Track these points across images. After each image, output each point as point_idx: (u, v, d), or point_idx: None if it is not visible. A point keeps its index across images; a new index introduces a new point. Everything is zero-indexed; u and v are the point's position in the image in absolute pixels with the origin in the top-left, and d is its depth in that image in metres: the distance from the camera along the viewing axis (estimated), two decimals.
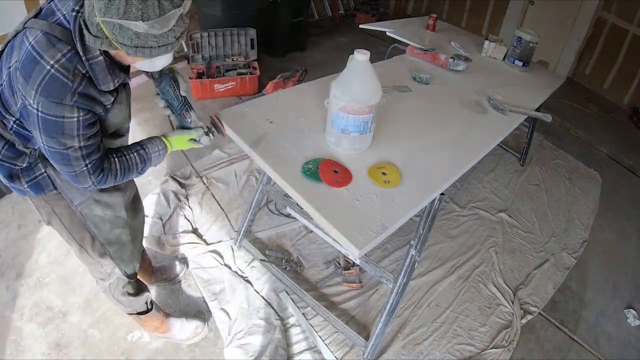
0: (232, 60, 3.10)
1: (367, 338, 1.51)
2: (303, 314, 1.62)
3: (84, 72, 0.83)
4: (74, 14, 0.83)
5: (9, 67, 0.85)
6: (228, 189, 2.16)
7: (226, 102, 2.87)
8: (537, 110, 1.90)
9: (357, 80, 1.13)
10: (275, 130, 1.28)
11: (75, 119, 0.84)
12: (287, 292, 1.69)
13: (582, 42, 3.87)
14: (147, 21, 0.76)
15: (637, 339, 1.84)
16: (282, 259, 1.81)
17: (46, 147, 0.86)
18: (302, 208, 1.08)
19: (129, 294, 1.28)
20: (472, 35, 2.66)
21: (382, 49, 2.74)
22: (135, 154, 1.03)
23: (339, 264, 1.81)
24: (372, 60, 1.18)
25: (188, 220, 1.96)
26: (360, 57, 1.12)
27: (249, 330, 1.52)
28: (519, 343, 1.68)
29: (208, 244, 1.85)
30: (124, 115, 1.03)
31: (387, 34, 2.35)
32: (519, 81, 2.07)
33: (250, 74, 3.00)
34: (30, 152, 0.98)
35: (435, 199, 1.26)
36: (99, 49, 0.84)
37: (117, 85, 0.91)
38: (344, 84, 1.13)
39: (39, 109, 0.81)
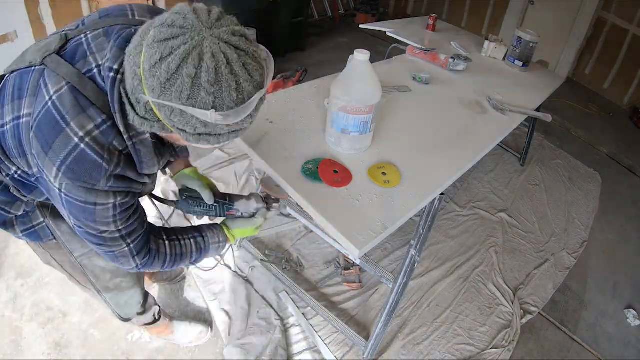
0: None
1: (367, 338, 1.51)
2: (303, 314, 1.62)
3: (121, 149, 0.66)
4: (112, 74, 0.64)
5: (19, 117, 0.68)
6: (228, 189, 2.16)
7: None
8: (537, 110, 1.90)
9: (357, 80, 1.13)
10: (275, 130, 1.28)
11: (111, 205, 0.68)
12: (287, 292, 1.69)
13: (582, 42, 3.87)
14: (220, 111, 0.57)
15: (637, 339, 1.84)
16: (282, 259, 1.81)
17: (74, 225, 0.72)
18: (302, 208, 1.08)
19: (137, 314, 1.23)
20: (472, 35, 2.66)
21: (382, 49, 2.74)
22: (191, 240, 0.89)
23: (339, 264, 1.81)
24: (372, 60, 1.18)
25: (188, 220, 1.96)
26: (360, 57, 1.12)
27: (249, 330, 1.52)
28: (519, 343, 1.68)
29: None
30: (154, 185, 0.87)
31: (387, 34, 2.35)
32: (519, 81, 2.07)
33: None
34: (28, 201, 0.83)
35: (435, 199, 1.26)
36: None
37: (162, 167, 0.76)
38: (344, 84, 1.13)
39: (63, 191, 0.65)
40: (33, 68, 0.69)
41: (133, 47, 0.61)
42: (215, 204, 0.99)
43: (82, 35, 0.71)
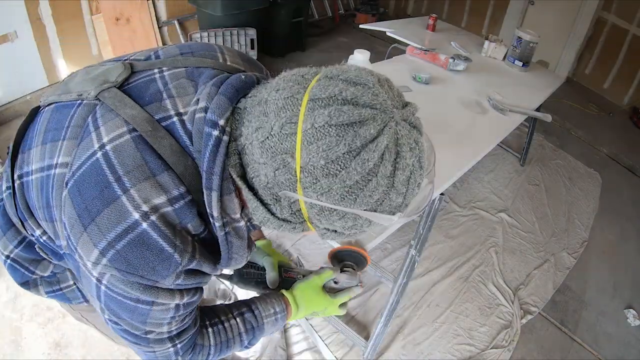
0: None
1: (367, 338, 1.51)
2: None
3: (194, 234, 0.48)
4: (215, 133, 0.45)
5: (50, 167, 0.49)
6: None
7: None
8: (537, 110, 1.90)
9: None
10: None
11: (173, 306, 0.50)
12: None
13: (582, 42, 3.87)
14: (404, 212, 0.46)
15: (637, 339, 1.84)
16: None
17: (107, 320, 0.52)
18: None
19: None
20: (472, 35, 2.66)
21: (382, 49, 2.74)
22: (237, 319, 0.67)
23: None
24: (372, 60, 1.18)
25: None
26: (360, 57, 1.12)
27: None
28: (519, 343, 1.68)
29: None
30: None
31: (387, 34, 2.34)
32: (519, 81, 2.07)
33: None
34: (58, 263, 0.64)
35: (435, 199, 1.26)
36: (240, 212, 0.50)
37: (247, 259, 0.57)
38: None
39: (104, 283, 0.46)
40: (80, 101, 0.51)
41: (276, 125, 0.42)
42: (281, 276, 0.81)
43: (156, 70, 0.53)
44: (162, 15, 3.06)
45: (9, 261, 0.65)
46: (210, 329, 0.64)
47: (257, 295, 0.75)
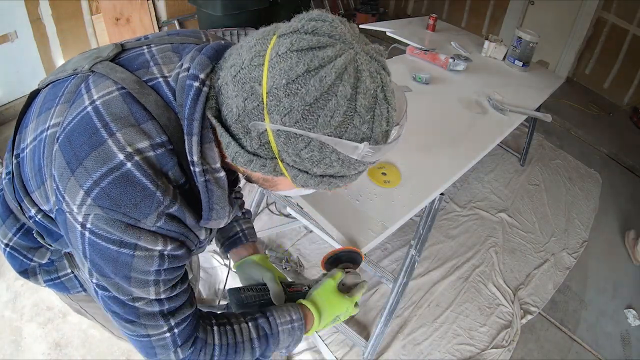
0: None
1: (367, 338, 1.51)
2: None
3: (175, 184, 0.49)
4: (196, 84, 0.48)
5: (42, 131, 0.51)
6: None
7: None
8: (537, 110, 1.90)
9: None
10: None
11: (157, 254, 0.49)
12: None
13: (582, 42, 3.87)
14: (373, 144, 0.47)
15: (637, 339, 1.84)
16: (282, 259, 1.81)
17: (96, 286, 0.52)
18: (302, 208, 1.08)
19: None
20: (472, 35, 2.66)
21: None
22: (249, 323, 0.64)
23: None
24: None
25: None
26: None
27: None
28: (519, 343, 1.68)
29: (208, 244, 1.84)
30: (204, 248, 0.68)
31: (387, 34, 2.34)
32: (519, 81, 2.07)
33: None
34: (55, 249, 0.66)
35: (435, 199, 1.26)
36: (219, 162, 0.51)
37: (231, 218, 0.58)
38: None
39: (88, 226, 0.46)
40: (74, 76, 0.54)
41: (246, 59, 0.46)
42: (285, 290, 0.76)
43: (145, 47, 0.57)
44: (162, 15, 3.06)
45: (8, 249, 0.67)
46: (215, 327, 0.61)
47: None
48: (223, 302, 1.57)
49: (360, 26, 2.47)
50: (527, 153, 2.74)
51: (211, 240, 0.68)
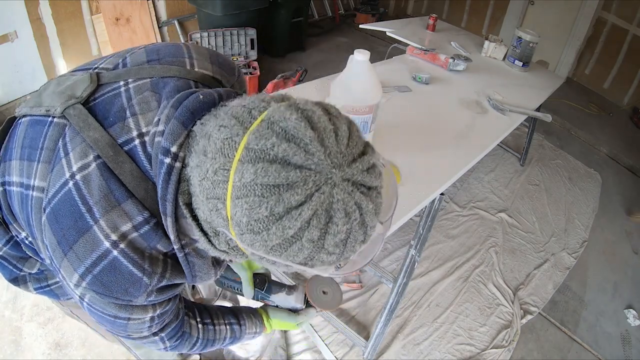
0: (232, 60, 3.10)
1: (367, 338, 1.51)
2: None
3: (165, 251, 0.51)
4: (168, 160, 0.46)
5: (28, 187, 0.53)
6: None
7: None
8: (537, 110, 1.90)
9: (357, 80, 1.13)
10: None
11: (148, 318, 0.55)
12: None
13: (582, 42, 3.87)
14: (338, 267, 0.47)
15: (637, 339, 1.84)
16: None
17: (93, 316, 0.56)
18: None
19: None
20: (472, 35, 2.66)
21: (382, 49, 2.74)
22: (227, 326, 0.78)
23: (339, 264, 1.81)
24: (372, 60, 1.18)
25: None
26: (360, 57, 1.12)
27: None
28: (519, 343, 1.68)
29: None
30: None
31: (387, 34, 2.34)
32: (519, 81, 2.07)
33: (250, 74, 2.99)
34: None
35: (435, 199, 1.26)
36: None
37: (218, 276, 0.61)
38: (344, 84, 1.13)
39: (85, 301, 0.51)
40: (50, 119, 0.53)
41: (210, 168, 0.42)
42: (259, 290, 0.89)
43: (122, 83, 0.54)
44: (162, 15, 3.06)
45: None
46: (201, 325, 0.73)
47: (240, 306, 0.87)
48: (221, 302, 1.57)
49: (361, 26, 2.47)
50: (527, 153, 2.74)
51: None
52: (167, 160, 0.46)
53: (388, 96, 1.59)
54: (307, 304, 0.90)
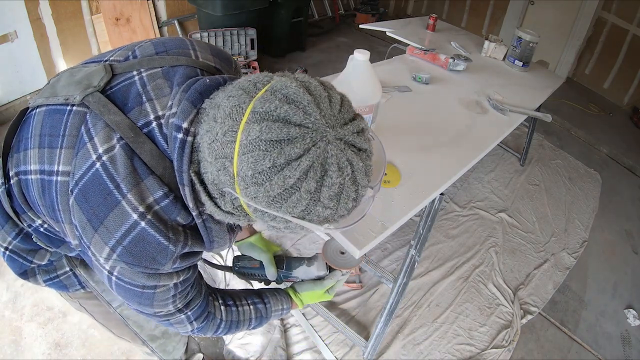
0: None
1: (367, 338, 1.51)
2: (303, 314, 1.62)
3: (184, 224, 0.55)
4: (180, 136, 0.51)
5: (51, 173, 0.54)
6: None
7: None
8: (537, 110, 1.90)
9: (357, 80, 1.13)
10: None
11: (172, 285, 0.58)
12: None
13: (582, 42, 3.87)
14: (333, 222, 0.50)
15: (637, 339, 1.84)
16: None
17: (121, 299, 0.61)
18: None
19: None
20: (472, 35, 2.66)
21: (382, 49, 2.74)
22: (251, 306, 0.79)
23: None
24: (372, 60, 1.18)
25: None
26: (360, 57, 1.12)
27: (249, 330, 1.52)
28: (519, 343, 1.68)
29: None
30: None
31: (387, 34, 2.34)
32: (519, 81, 2.07)
33: (250, 74, 2.99)
34: (55, 251, 0.70)
35: (435, 199, 1.26)
36: None
37: (233, 242, 0.65)
38: (344, 84, 1.13)
39: (115, 274, 0.54)
40: (69, 108, 0.56)
41: (220, 131, 0.47)
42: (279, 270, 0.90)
43: (135, 72, 0.58)
44: (162, 15, 3.06)
45: (7, 253, 0.69)
46: (223, 307, 0.74)
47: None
48: None
49: (360, 26, 2.47)
50: (527, 153, 2.74)
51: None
52: (180, 135, 0.51)
53: (388, 96, 1.59)
54: (330, 270, 0.91)
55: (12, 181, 0.60)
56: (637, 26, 3.56)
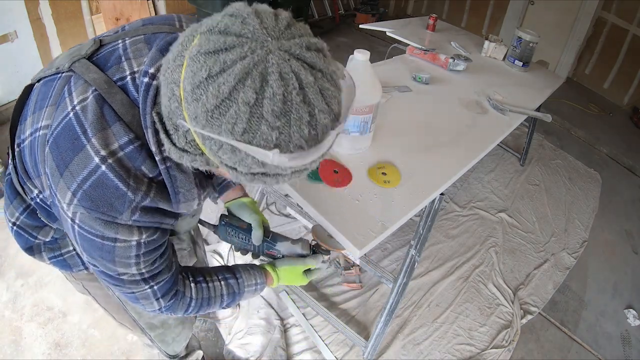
0: None
1: (367, 338, 1.51)
2: (303, 314, 1.62)
3: (152, 175, 0.54)
4: (146, 80, 0.52)
5: (36, 130, 0.58)
6: None
7: None
8: (537, 110, 1.90)
9: (357, 80, 1.12)
10: None
11: (134, 243, 0.56)
12: (287, 292, 1.69)
13: (582, 42, 3.87)
14: (286, 151, 0.44)
15: (637, 339, 1.84)
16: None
17: (88, 262, 0.61)
18: (302, 208, 1.08)
19: (180, 357, 1.15)
20: (472, 35, 2.66)
21: (382, 49, 2.74)
22: (222, 282, 0.76)
23: (339, 264, 1.81)
24: (372, 60, 1.18)
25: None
26: (360, 57, 1.12)
27: (249, 330, 1.52)
28: (519, 343, 1.68)
29: (208, 244, 1.85)
30: (194, 224, 0.80)
31: (387, 34, 2.34)
32: (519, 81, 2.07)
33: None
34: (57, 228, 0.73)
35: (435, 199, 1.26)
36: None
37: (203, 201, 0.64)
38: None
39: (76, 221, 0.53)
40: (59, 75, 0.60)
41: (172, 58, 0.47)
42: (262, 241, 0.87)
43: (120, 41, 0.61)
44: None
45: (15, 228, 0.73)
46: (193, 284, 0.73)
47: (240, 263, 0.85)
48: None
49: (361, 26, 2.47)
50: (527, 153, 2.74)
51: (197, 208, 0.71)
52: (146, 79, 0.52)
53: (388, 96, 1.59)
54: (313, 252, 0.90)
55: (15, 152, 0.63)
56: (637, 26, 3.56)
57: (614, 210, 2.59)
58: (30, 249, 0.75)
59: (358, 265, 1.78)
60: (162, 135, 0.50)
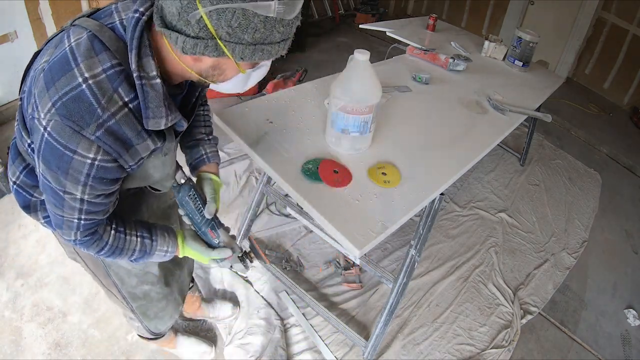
0: None
1: (367, 338, 1.51)
2: (303, 314, 1.62)
3: (126, 100, 0.63)
4: (136, 15, 0.64)
5: (36, 69, 0.67)
6: (228, 189, 2.16)
7: (226, 102, 2.87)
8: (537, 110, 1.90)
9: (357, 80, 1.13)
10: (275, 130, 1.28)
11: (89, 161, 0.63)
12: (287, 292, 1.69)
13: (582, 42, 3.87)
14: (281, 4, 0.58)
15: (637, 339, 1.84)
16: (282, 259, 1.81)
17: (41, 175, 0.68)
18: (302, 208, 1.08)
19: (161, 335, 1.21)
20: (472, 35, 2.66)
21: (382, 49, 2.74)
22: (138, 239, 0.82)
23: (339, 264, 1.81)
24: (372, 60, 1.18)
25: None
26: (360, 57, 1.12)
27: (249, 330, 1.52)
28: (519, 343, 1.68)
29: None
30: (167, 171, 0.84)
31: (387, 34, 2.35)
32: (519, 81, 2.07)
33: None
34: None
35: (435, 199, 1.26)
36: (156, 72, 0.65)
37: (168, 125, 0.70)
38: (344, 84, 1.13)
39: (48, 129, 0.61)
40: (62, 32, 0.70)
41: None
42: (207, 218, 0.91)
43: (113, 5, 0.72)
44: None
45: (15, 186, 0.82)
46: (113, 232, 0.78)
47: (158, 224, 0.88)
48: (220, 303, 1.57)
49: (361, 26, 2.47)
50: (527, 153, 2.74)
51: (166, 154, 0.79)
52: (136, 15, 0.64)
53: (388, 96, 1.59)
54: (244, 256, 0.97)
55: (18, 108, 0.72)
56: (637, 26, 3.57)
57: (614, 210, 2.59)
58: (28, 207, 0.83)
59: (358, 265, 1.79)
60: (174, 37, 0.60)
